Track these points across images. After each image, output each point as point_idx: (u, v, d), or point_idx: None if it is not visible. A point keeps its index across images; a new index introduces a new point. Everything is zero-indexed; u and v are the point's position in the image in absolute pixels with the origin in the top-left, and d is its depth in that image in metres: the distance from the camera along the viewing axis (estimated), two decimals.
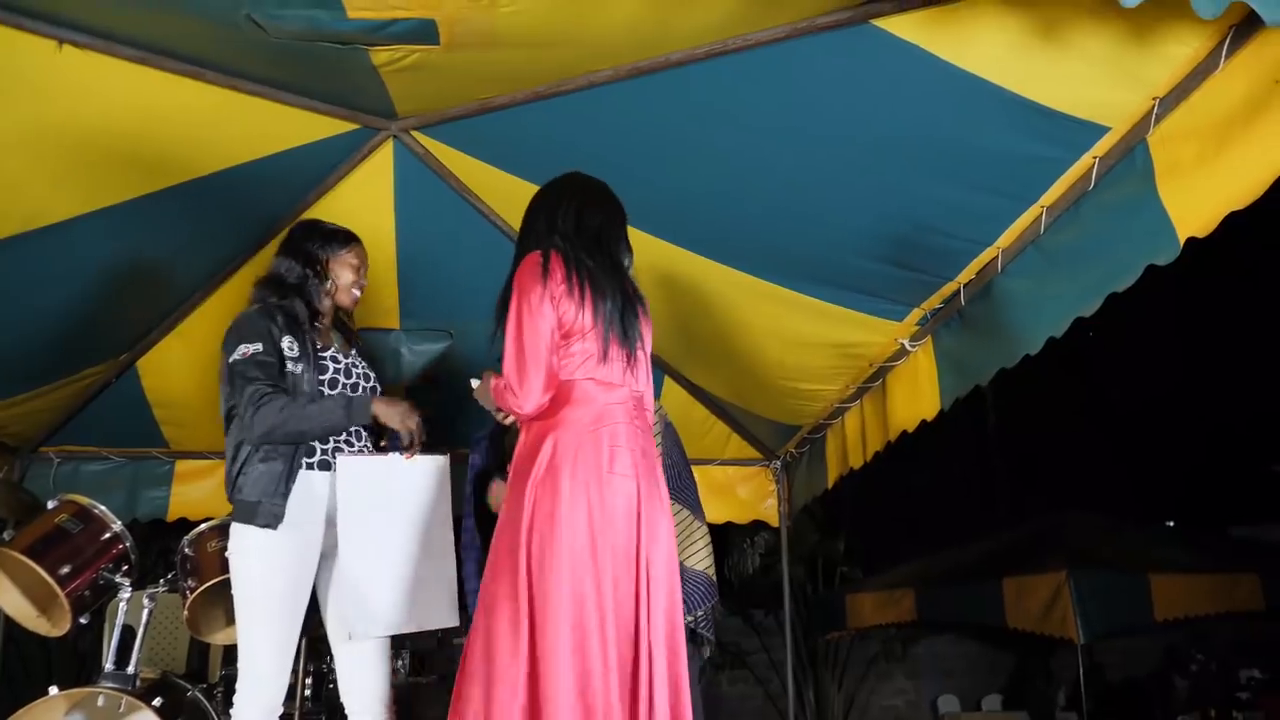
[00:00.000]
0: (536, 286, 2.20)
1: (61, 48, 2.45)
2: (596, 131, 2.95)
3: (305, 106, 2.97)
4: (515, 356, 2.14)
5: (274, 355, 2.55)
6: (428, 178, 3.43)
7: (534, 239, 2.41)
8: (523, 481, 2.09)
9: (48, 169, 2.81)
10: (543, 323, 2.17)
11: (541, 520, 2.03)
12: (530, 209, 2.50)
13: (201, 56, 2.66)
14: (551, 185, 2.53)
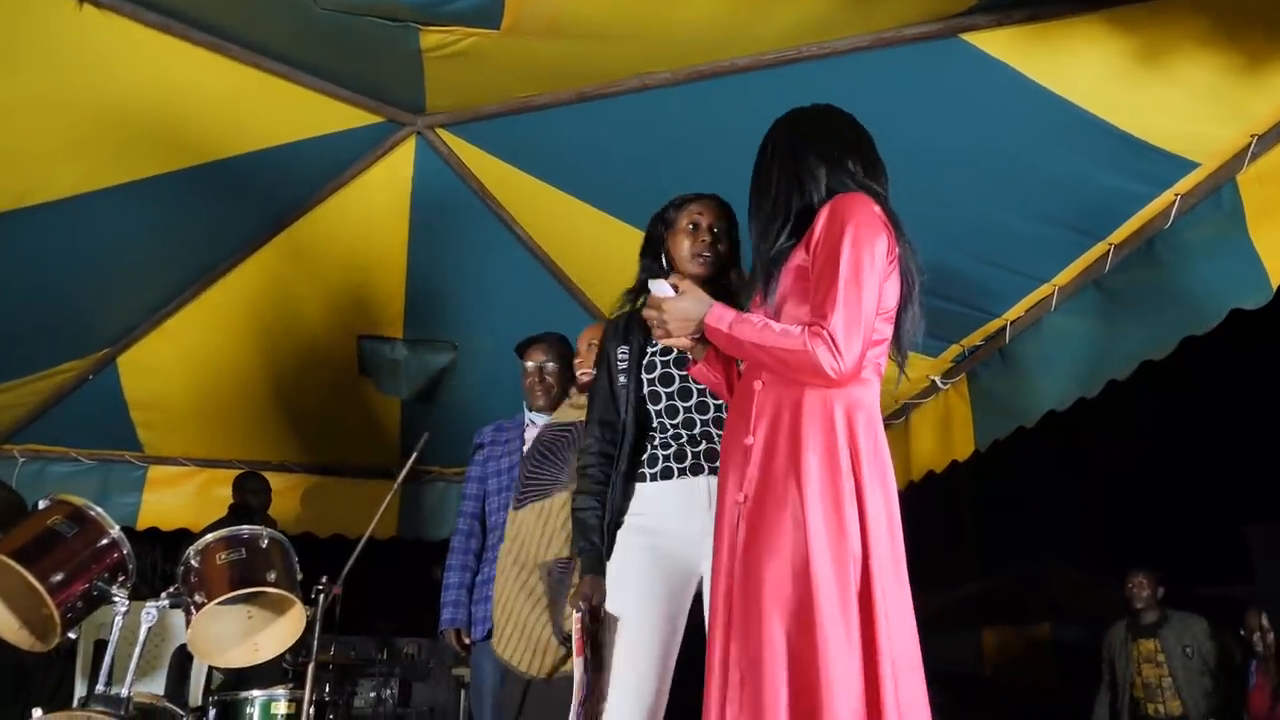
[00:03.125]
0: (882, 239, 1.70)
1: (81, 7, 2.25)
2: (643, 137, 2.80)
3: (329, 93, 2.79)
4: (849, 305, 1.62)
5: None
6: (448, 179, 3.26)
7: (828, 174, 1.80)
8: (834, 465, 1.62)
9: (52, 141, 2.60)
10: (877, 283, 1.68)
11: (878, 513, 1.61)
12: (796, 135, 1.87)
13: (226, 28, 2.49)
14: (818, 114, 1.91)
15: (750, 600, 1.62)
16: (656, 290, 1.81)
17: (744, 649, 1.62)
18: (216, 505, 4.31)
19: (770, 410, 1.70)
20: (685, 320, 1.77)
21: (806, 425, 1.65)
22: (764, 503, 1.65)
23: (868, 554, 1.58)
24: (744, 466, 1.69)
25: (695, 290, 1.81)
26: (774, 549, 1.61)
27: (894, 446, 3.74)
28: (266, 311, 3.71)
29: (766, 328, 1.68)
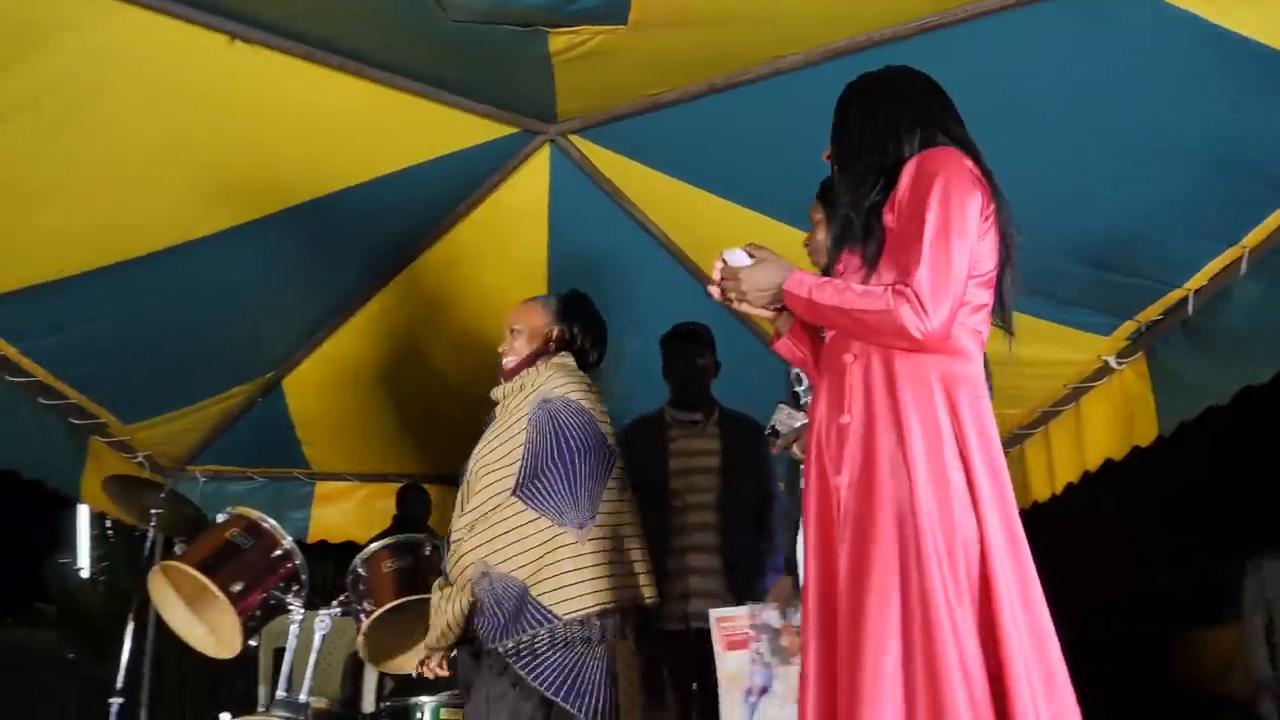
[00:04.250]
0: (975, 195, 1.58)
1: (233, 43, 2.35)
2: (777, 125, 2.71)
3: (464, 108, 2.83)
4: (936, 262, 1.51)
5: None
6: (584, 185, 3.26)
7: (919, 128, 1.68)
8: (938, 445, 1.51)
9: (211, 176, 2.73)
10: (969, 241, 1.55)
11: (987, 491, 1.50)
12: (880, 92, 1.77)
13: (365, 51, 2.54)
14: (897, 72, 1.80)
15: (856, 590, 1.51)
16: (732, 258, 1.72)
17: (847, 641, 1.51)
18: (380, 517, 4.46)
19: (863, 386, 1.59)
20: (763, 289, 1.66)
21: (905, 403, 1.54)
22: (868, 487, 1.53)
23: (983, 537, 1.48)
24: (840, 447, 1.58)
25: (773, 256, 1.70)
26: (881, 535, 1.49)
27: (1065, 435, 3.53)
28: (416, 328, 3.81)
29: (847, 289, 1.57)
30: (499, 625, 2.21)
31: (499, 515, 2.28)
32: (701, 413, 3.23)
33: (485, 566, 2.24)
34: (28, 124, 2.42)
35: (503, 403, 2.49)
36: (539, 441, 2.33)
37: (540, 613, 2.20)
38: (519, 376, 2.48)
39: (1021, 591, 1.49)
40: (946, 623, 1.42)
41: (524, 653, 2.20)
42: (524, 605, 2.21)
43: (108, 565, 9.37)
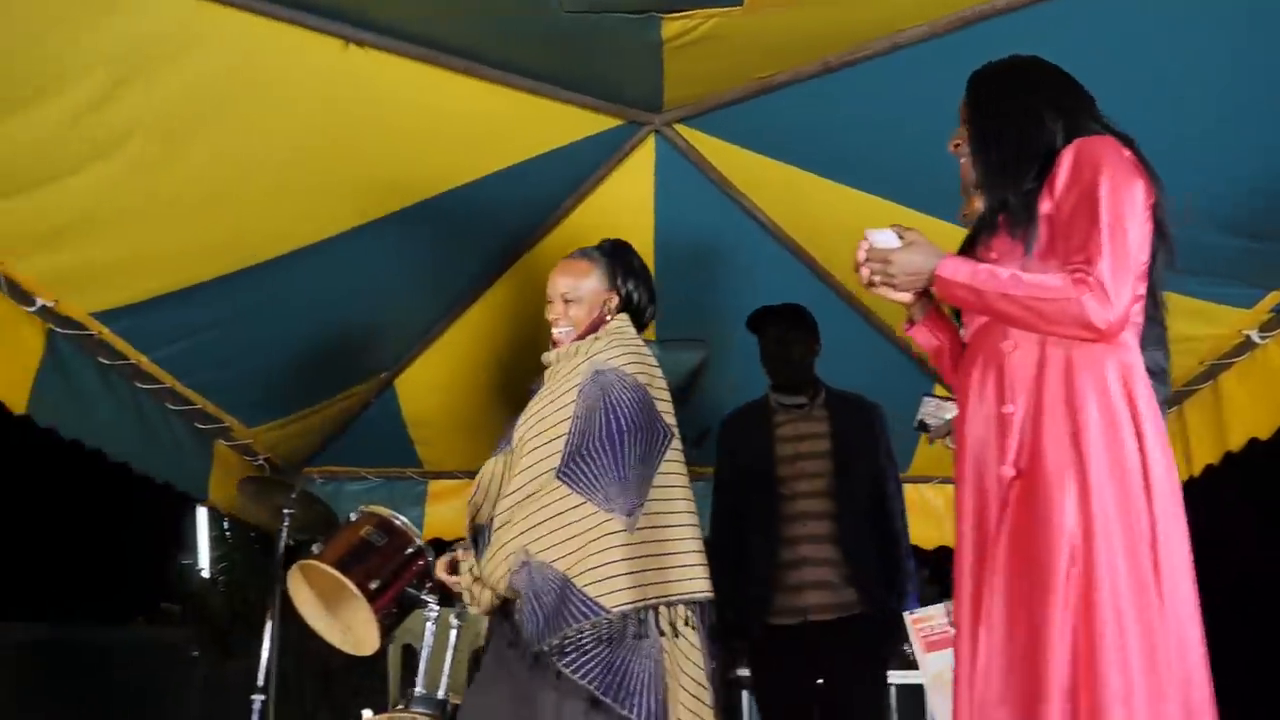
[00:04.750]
0: (1138, 184, 1.56)
1: (348, 48, 2.38)
2: (897, 102, 2.64)
3: (570, 101, 2.81)
4: (1116, 249, 1.48)
5: None
6: (690, 175, 3.21)
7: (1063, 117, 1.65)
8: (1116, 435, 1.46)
9: (330, 180, 2.78)
10: (1140, 229, 1.53)
11: (1162, 482, 1.46)
12: (1018, 80, 1.73)
13: (476, 49, 2.55)
14: (1030, 60, 1.76)
15: (1022, 583, 1.47)
16: (879, 240, 1.67)
17: (1012, 636, 1.47)
18: None
19: (1031, 373, 1.54)
20: (914, 273, 1.63)
21: (1081, 391, 1.50)
22: (1040, 478, 1.49)
23: (1155, 535, 1.44)
24: (1004, 437, 1.54)
25: (923, 239, 1.67)
26: (1053, 528, 1.44)
27: (1203, 414, 3.36)
28: (524, 325, 3.82)
29: (1017, 276, 1.53)
30: (539, 622, 2.06)
31: (540, 501, 2.14)
32: (806, 395, 3.12)
33: (525, 556, 2.10)
34: (154, 139, 2.49)
35: (553, 368, 2.34)
36: (587, 418, 2.18)
37: (586, 605, 2.04)
38: (573, 344, 2.35)
39: (1187, 597, 1.46)
40: (1119, 627, 1.39)
41: (569, 649, 2.04)
42: (566, 598, 2.06)
43: (226, 565, 9.71)
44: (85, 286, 2.85)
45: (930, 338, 1.79)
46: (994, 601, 1.48)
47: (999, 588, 1.48)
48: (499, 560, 2.14)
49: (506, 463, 2.26)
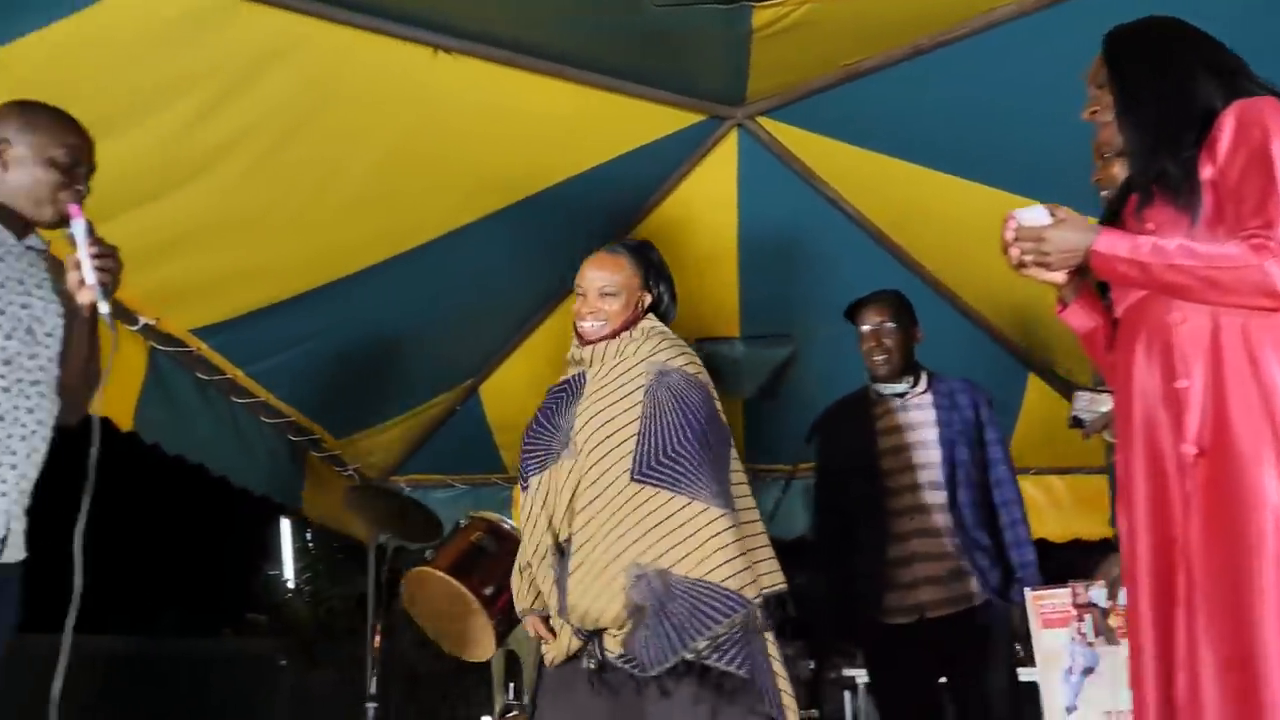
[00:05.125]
0: None
1: (436, 54, 2.38)
2: (991, 83, 2.56)
3: (654, 98, 2.80)
4: None
5: None
6: (773, 167, 3.17)
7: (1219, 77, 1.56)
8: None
9: (419, 186, 2.80)
10: None
11: None
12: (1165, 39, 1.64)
13: (561, 51, 2.54)
14: (1173, 20, 1.66)
15: (1223, 571, 1.38)
16: (1028, 218, 1.59)
17: (1220, 633, 1.37)
18: None
19: (1205, 345, 1.46)
20: (1070, 250, 1.55)
21: (1265, 361, 1.42)
22: (1231, 454, 1.40)
23: None
24: (1180, 414, 1.46)
25: (1075, 214, 1.58)
26: (1255, 507, 1.36)
27: None
28: None
29: (1185, 248, 1.45)
30: (671, 634, 1.93)
31: (634, 507, 2.03)
32: (908, 383, 2.98)
33: (639, 568, 1.98)
34: (249, 153, 2.52)
35: (596, 370, 2.23)
36: (659, 418, 2.10)
37: (729, 600, 1.95)
38: (613, 342, 2.24)
39: None
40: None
41: (725, 645, 1.94)
42: (701, 599, 1.95)
43: (310, 576, 9.90)
44: (185, 303, 2.90)
45: (1084, 319, 1.71)
46: (1192, 595, 1.40)
47: (1196, 577, 1.40)
48: (603, 584, 2.00)
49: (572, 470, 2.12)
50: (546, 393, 2.36)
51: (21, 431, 1.71)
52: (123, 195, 2.41)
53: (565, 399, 2.26)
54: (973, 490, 2.85)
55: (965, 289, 3.63)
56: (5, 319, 1.71)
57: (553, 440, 2.18)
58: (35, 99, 1.91)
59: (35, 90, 2.14)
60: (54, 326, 1.81)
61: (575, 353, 2.31)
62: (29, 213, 1.82)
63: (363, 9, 2.25)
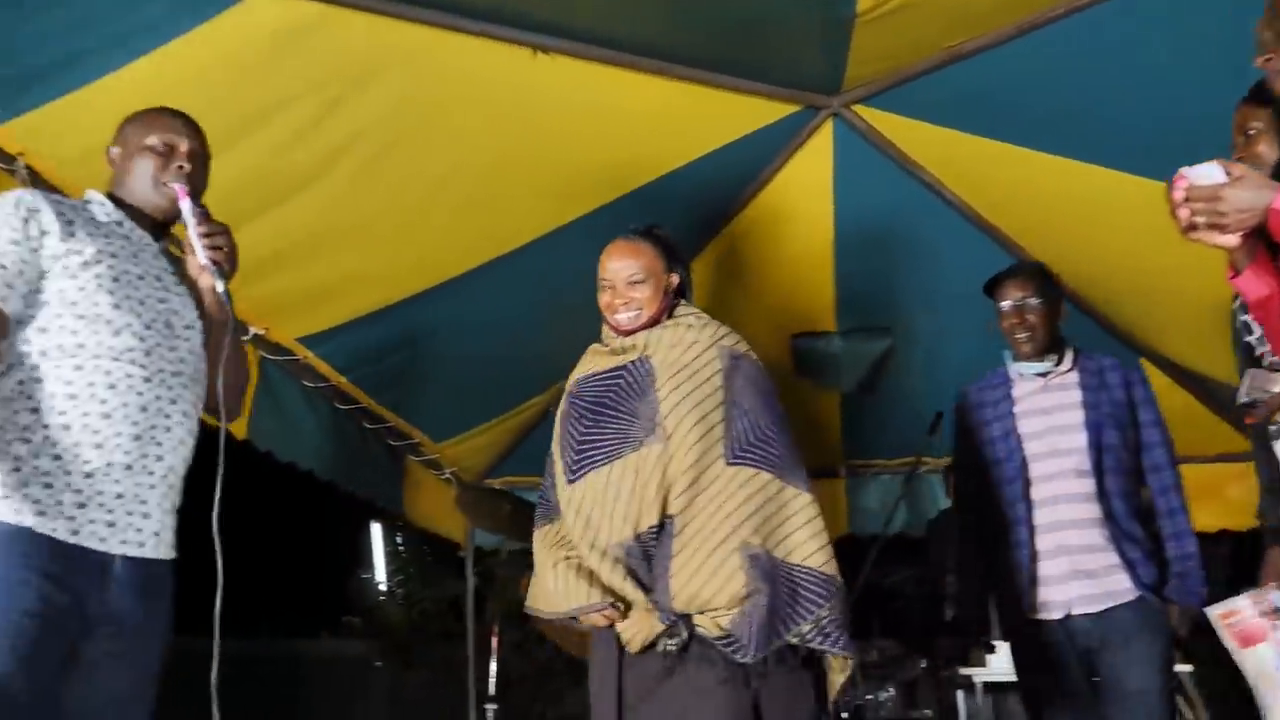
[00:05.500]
0: None
1: (536, 55, 2.39)
2: (1105, 57, 2.47)
3: (749, 90, 2.76)
4: None
5: None
6: (870, 155, 3.10)
7: None
8: None
9: (521, 187, 2.81)
10: None
11: None
12: None
13: (659, 46, 2.53)
14: None
15: None
16: (1200, 176, 1.48)
17: None
18: None
19: None
20: (1248, 209, 1.44)
21: None
22: None
23: None
24: None
25: (1252, 171, 1.49)
26: None
27: None
28: None
29: None
30: (770, 617, 1.96)
31: (733, 487, 2.05)
32: (1051, 361, 2.77)
33: (750, 549, 1.99)
34: (354, 162, 2.56)
35: (662, 356, 2.18)
36: (742, 403, 2.13)
37: (828, 583, 2.02)
38: (668, 328, 2.25)
39: None
40: None
41: (828, 627, 2.00)
42: (800, 581, 2.01)
43: (402, 579, 10.07)
44: (292, 313, 2.96)
45: (1259, 285, 1.59)
46: None
47: None
48: (715, 565, 1.98)
49: (661, 455, 2.07)
50: (576, 385, 2.33)
51: (166, 423, 1.74)
52: (236, 209, 2.45)
53: (625, 387, 2.19)
54: (1123, 477, 2.65)
55: (1071, 272, 3.51)
56: (145, 310, 1.74)
57: (629, 428, 2.12)
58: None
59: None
60: (192, 320, 1.84)
61: (618, 342, 2.30)
62: (149, 207, 1.85)
63: (464, 12, 2.26)
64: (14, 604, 1.54)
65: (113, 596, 1.65)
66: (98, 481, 1.64)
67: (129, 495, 1.68)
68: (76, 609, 1.60)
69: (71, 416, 1.63)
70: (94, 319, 1.67)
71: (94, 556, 1.64)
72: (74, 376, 1.65)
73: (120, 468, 1.66)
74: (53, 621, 1.56)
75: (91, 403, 1.64)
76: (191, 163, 1.84)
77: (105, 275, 1.69)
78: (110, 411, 1.65)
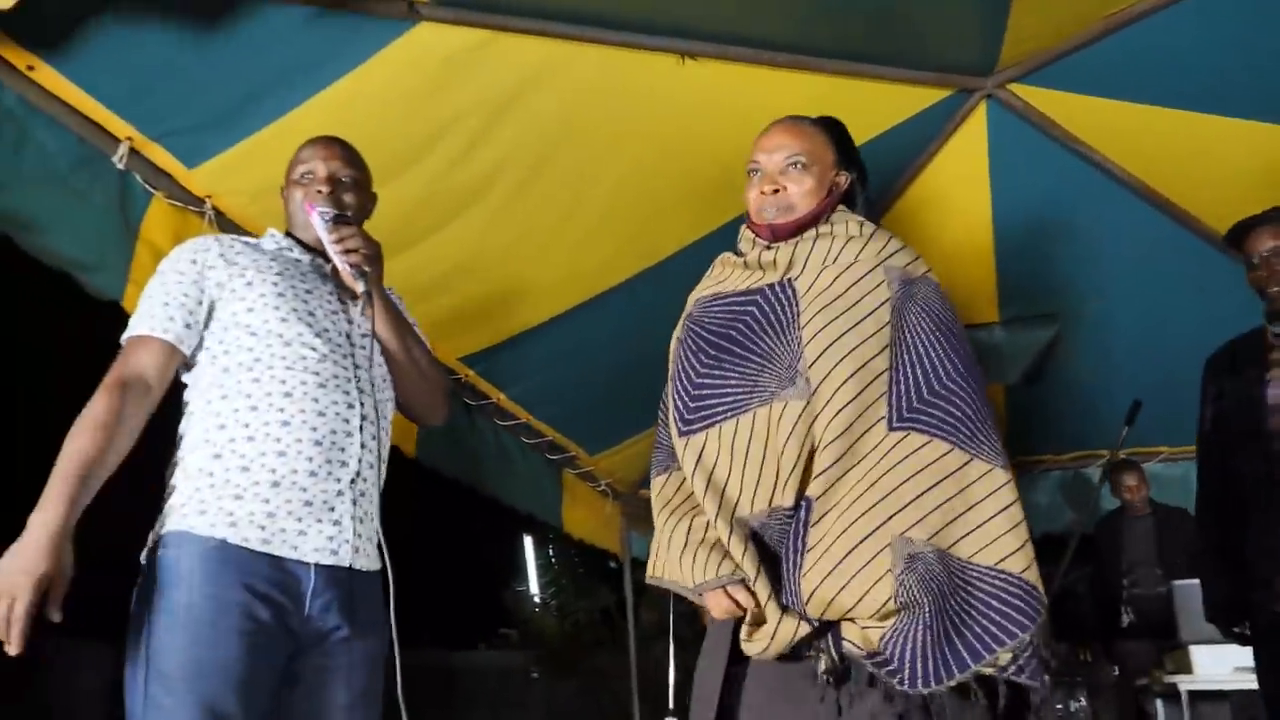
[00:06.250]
0: None
1: (683, 61, 2.38)
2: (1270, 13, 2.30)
3: (898, 78, 2.69)
4: None
5: None
6: (1027, 135, 2.97)
7: None
8: None
9: (667, 199, 2.81)
10: None
11: None
12: None
13: (805, 42, 2.49)
14: None
15: None
16: None
17: None
18: None
19: None
20: None
21: None
22: None
23: None
24: None
25: None
26: None
27: None
28: None
29: None
30: (960, 636, 1.47)
31: (892, 460, 1.53)
32: None
33: (909, 545, 1.49)
34: (510, 181, 2.61)
35: (809, 280, 1.68)
36: (919, 344, 1.60)
37: (1030, 596, 1.47)
38: (822, 239, 1.71)
39: None
40: None
41: (1025, 655, 1.48)
42: (994, 592, 1.48)
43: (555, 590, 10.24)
44: (453, 333, 3.04)
45: None
46: None
47: None
48: (858, 563, 1.49)
49: (804, 413, 1.57)
50: (694, 304, 1.85)
51: (346, 427, 1.73)
52: (404, 236, 2.55)
53: (758, 318, 1.69)
54: None
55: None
56: (315, 321, 1.77)
57: (759, 373, 1.64)
58: None
59: None
60: (366, 329, 1.84)
61: (756, 253, 1.76)
62: (308, 235, 1.87)
63: (612, 25, 2.28)
64: (222, 622, 1.54)
65: (314, 609, 1.64)
66: (284, 490, 1.64)
67: (316, 502, 1.67)
68: (280, 625, 1.60)
69: (254, 428, 1.66)
70: (265, 334, 1.72)
71: (288, 565, 1.64)
72: (253, 389, 1.69)
73: (305, 474, 1.66)
74: (261, 641, 1.57)
75: (270, 411, 1.67)
76: (330, 185, 1.86)
77: (270, 293, 1.74)
78: (289, 419, 1.67)
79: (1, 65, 1.88)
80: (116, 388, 1.62)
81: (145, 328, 1.70)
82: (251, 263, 1.78)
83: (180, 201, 2.25)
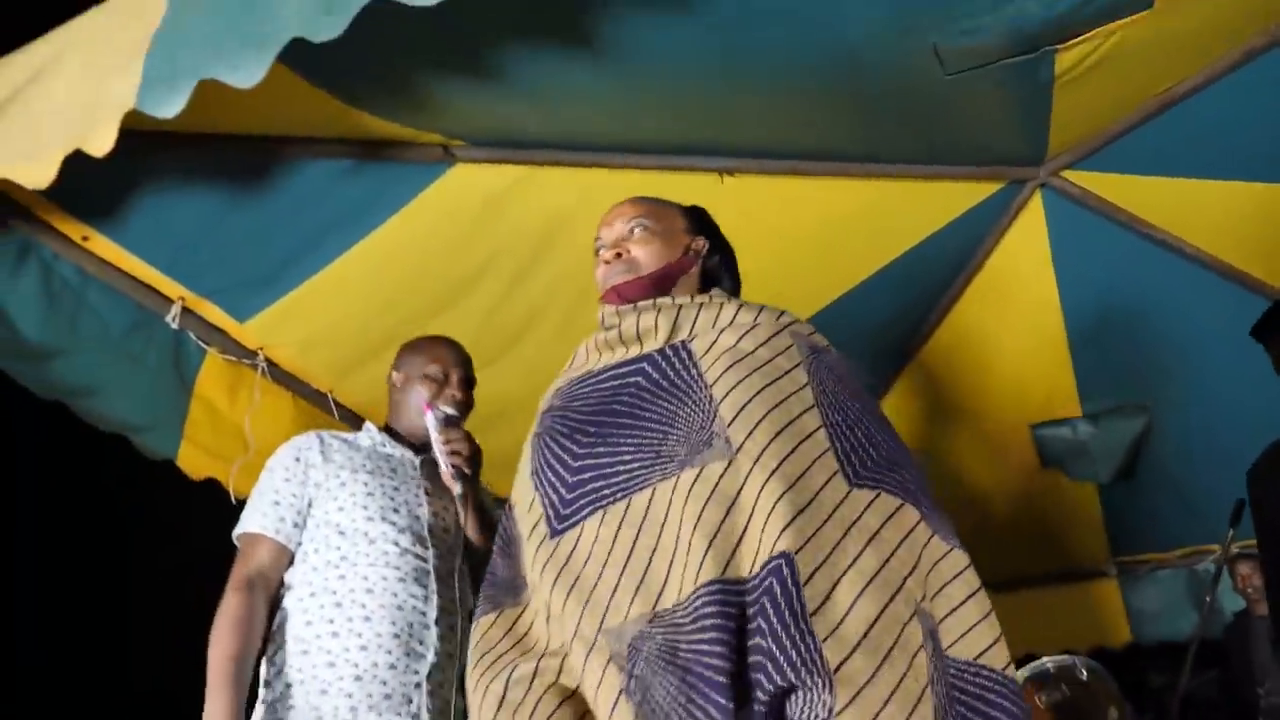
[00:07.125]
0: None
1: (723, 179, 2.37)
2: None
3: (947, 175, 2.65)
4: None
5: None
6: (1087, 221, 2.88)
7: None
8: None
9: None
10: None
11: None
12: None
13: (848, 150, 2.46)
14: None
15: None
16: None
17: None
18: None
19: None
20: None
21: None
22: None
23: None
24: None
25: None
26: None
27: None
28: (927, 423, 3.57)
29: None
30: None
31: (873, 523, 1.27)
32: None
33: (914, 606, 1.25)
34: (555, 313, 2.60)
35: (702, 343, 1.45)
36: (845, 407, 1.37)
37: (1013, 696, 1.25)
38: (693, 305, 1.50)
39: None
40: None
41: None
42: (979, 694, 1.24)
43: None
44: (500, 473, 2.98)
45: None
46: None
47: None
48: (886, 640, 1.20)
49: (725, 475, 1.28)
50: (553, 395, 1.59)
51: (422, 620, 1.79)
52: None
53: (645, 385, 1.45)
54: None
55: None
56: (399, 518, 1.84)
57: (661, 442, 1.36)
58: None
59: (366, 290, 2.33)
60: (449, 523, 1.93)
61: (630, 323, 1.51)
62: (418, 430, 1.97)
63: (648, 150, 2.28)
64: None
65: None
66: (366, 684, 1.70)
67: (395, 695, 1.72)
68: None
69: (339, 624, 1.74)
70: (352, 533, 1.80)
71: None
72: (338, 586, 1.77)
73: (385, 667, 1.72)
74: None
75: (354, 608, 1.74)
76: (463, 390, 2.00)
77: (360, 492, 1.83)
78: (370, 614, 1.74)
79: (58, 238, 1.95)
80: (246, 588, 1.74)
81: (258, 526, 1.81)
82: (347, 460, 1.88)
83: (234, 355, 2.28)
